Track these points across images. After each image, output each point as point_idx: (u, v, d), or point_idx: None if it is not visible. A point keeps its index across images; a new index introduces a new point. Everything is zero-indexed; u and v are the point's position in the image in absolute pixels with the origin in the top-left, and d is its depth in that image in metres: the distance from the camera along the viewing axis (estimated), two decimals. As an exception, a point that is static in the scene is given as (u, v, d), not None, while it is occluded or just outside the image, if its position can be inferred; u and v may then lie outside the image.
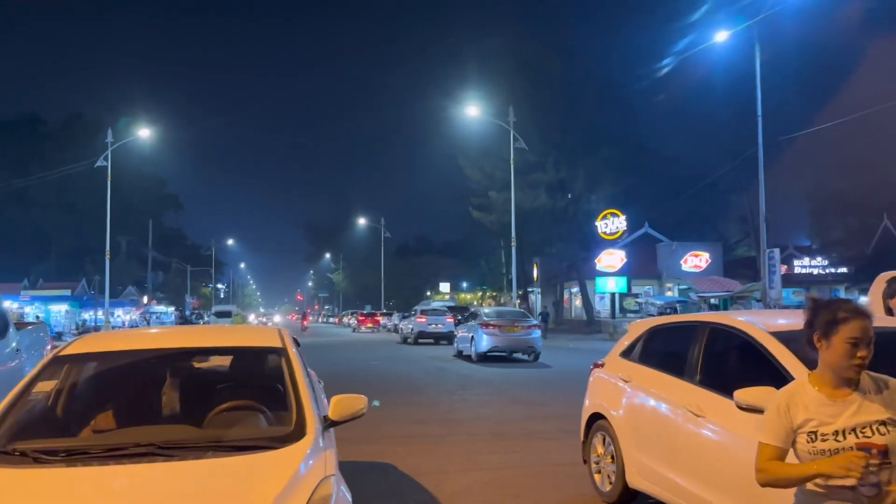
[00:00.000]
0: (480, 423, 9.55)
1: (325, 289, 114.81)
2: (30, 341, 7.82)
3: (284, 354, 4.23)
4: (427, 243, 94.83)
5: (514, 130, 32.52)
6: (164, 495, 2.88)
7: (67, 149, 58.71)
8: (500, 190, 41.30)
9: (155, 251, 67.33)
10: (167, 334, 5.35)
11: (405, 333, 32.74)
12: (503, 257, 53.50)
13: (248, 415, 3.89)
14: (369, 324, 53.64)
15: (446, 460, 7.31)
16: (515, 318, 20.76)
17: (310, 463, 3.23)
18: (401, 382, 14.38)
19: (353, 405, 3.85)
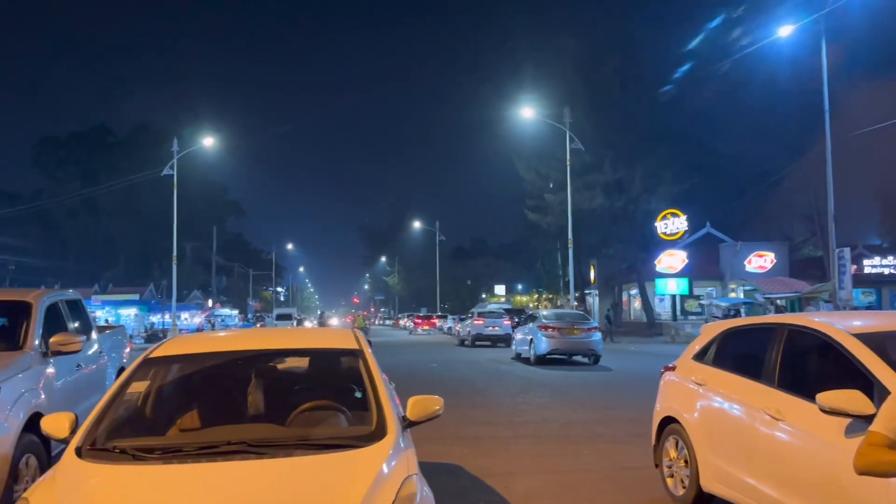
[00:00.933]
0: (546, 426, 9.52)
1: (381, 291, 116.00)
2: (111, 343, 8.16)
3: (361, 356, 4.32)
4: (482, 246, 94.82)
5: (570, 131, 32.30)
6: (259, 491, 2.99)
7: (135, 158, 60.95)
8: (556, 191, 41.07)
9: (218, 256, 69.28)
10: (248, 336, 5.52)
11: (462, 336, 32.80)
12: (559, 259, 53.09)
13: (330, 414, 3.99)
14: (426, 326, 53.98)
15: (514, 462, 7.31)
16: (575, 320, 20.58)
17: (392, 462, 3.30)
18: (462, 385, 14.42)
19: (429, 406, 3.92)
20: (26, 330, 5.90)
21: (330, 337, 5.13)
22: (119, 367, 8.13)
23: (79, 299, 7.60)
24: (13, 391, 5.08)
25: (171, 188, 36.10)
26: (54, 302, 6.62)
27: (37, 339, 5.88)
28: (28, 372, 5.46)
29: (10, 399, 4.99)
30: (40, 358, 5.78)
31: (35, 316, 6.04)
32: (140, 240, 67.86)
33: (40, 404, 5.39)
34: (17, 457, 4.93)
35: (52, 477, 3.18)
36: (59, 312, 6.64)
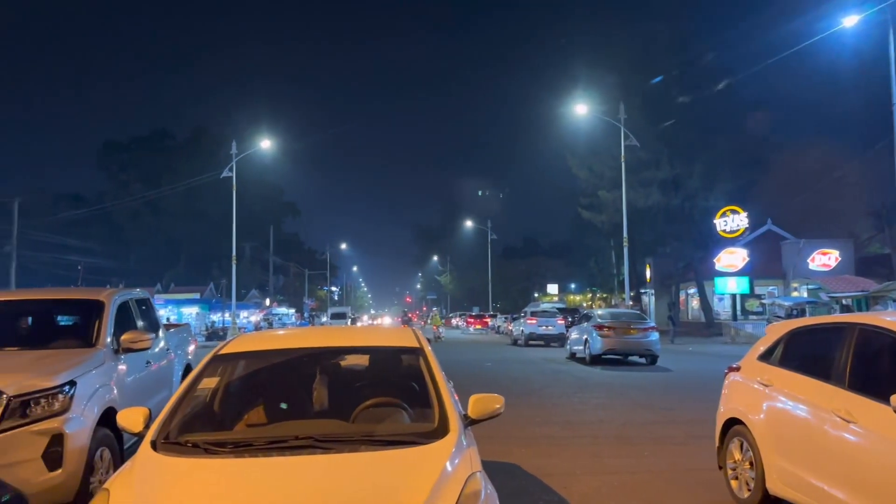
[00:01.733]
0: (604, 427, 9.42)
1: (433, 290, 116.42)
2: (177, 341, 8.41)
3: (422, 354, 4.37)
4: (534, 244, 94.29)
5: (625, 127, 31.84)
6: (328, 485, 3.05)
7: (195, 161, 62.64)
8: (610, 189, 40.54)
9: (275, 256, 70.62)
10: (312, 334, 5.63)
11: (515, 335, 32.70)
12: (613, 258, 52.44)
13: (393, 411, 4.05)
14: (478, 325, 53.99)
15: (572, 462, 7.27)
16: (631, 319, 20.28)
17: (456, 460, 3.33)
18: (517, 384, 14.38)
19: (490, 404, 3.94)
20: (99, 327, 6.13)
21: (391, 335, 5.20)
22: (185, 364, 8.38)
23: (147, 298, 7.86)
24: (88, 386, 5.29)
25: (230, 190, 37.00)
26: (125, 301, 6.87)
27: (109, 337, 6.11)
28: (101, 368, 5.68)
29: (86, 394, 5.20)
30: (112, 355, 6.00)
31: (107, 314, 6.28)
32: (200, 240, 69.70)
33: (113, 399, 5.60)
34: (93, 449, 5.13)
35: (129, 469, 3.31)
36: (129, 311, 6.89)
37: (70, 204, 66.82)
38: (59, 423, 4.86)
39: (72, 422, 4.93)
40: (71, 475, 4.87)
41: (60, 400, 4.94)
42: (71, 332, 6.59)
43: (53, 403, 4.90)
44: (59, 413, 4.90)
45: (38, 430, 4.77)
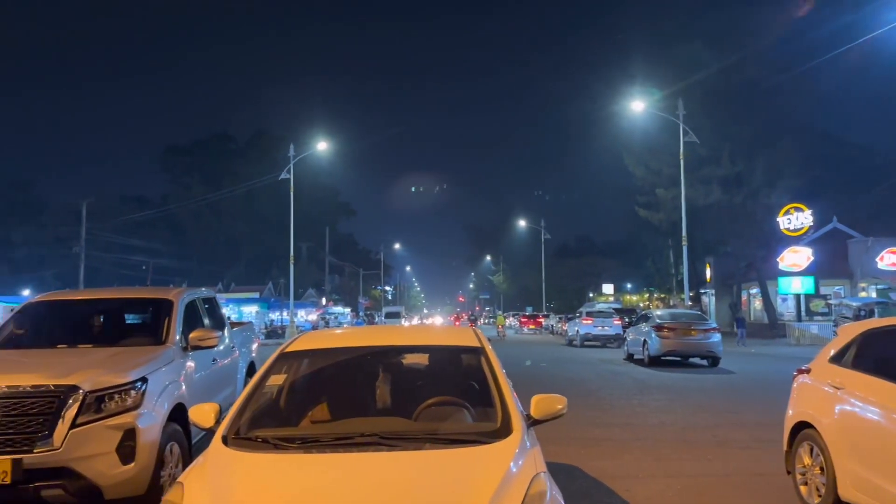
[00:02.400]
0: (665, 429, 9.25)
1: (485, 290, 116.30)
2: (241, 339, 8.61)
3: (483, 353, 4.37)
4: (588, 244, 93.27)
5: (684, 124, 31.19)
6: (395, 481, 3.09)
7: (253, 163, 64.09)
8: (668, 187, 39.75)
9: (331, 256, 71.68)
10: (374, 333, 5.70)
11: (570, 335, 32.39)
12: (672, 257, 51.41)
13: (455, 410, 4.05)
14: (532, 325, 53.66)
15: (634, 465, 7.16)
16: (692, 320, 19.86)
17: (520, 461, 3.32)
18: (574, 385, 14.24)
19: (553, 405, 3.91)
20: (168, 326, 6.33)
21: (452, 334, 5.22)
22: (249, 362, 8.57)
23: (213, 297, 8.07)
24: (159, 383, 5.46)
25: (287, 191, 37.71)
26: (192, 300, 7.07)
27: (178, 335, 6.30)
28: (171, 365, 5.85)
29: (156, 390, 5.37)
30: (181, 352, 6.18)
31: (176, 313, 6.47)
32: (259, 241, 71.27)
33: (182, 395, 5.77)
34: (163, 444, 5.29)
35: (202, 463, 3.40)
36: (196, 309, 7.09)
37: (135, 206, 69.11)
38: (132, 418, 5.02)
39: (144, 417, 5.09)
40: (143, 469, 5.03)
41: (133, 396, 5.10)
42: (141, 330, 6.81)
43: (126, 399, 5.07)
44: (132, 408, 5.06)
45: (113, 424, 4.94)
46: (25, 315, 6.76)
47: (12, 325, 6.60)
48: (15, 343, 6.32)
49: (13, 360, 5.73)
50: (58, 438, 4.71)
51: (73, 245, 46.09)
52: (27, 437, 4.69)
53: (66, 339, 6.40)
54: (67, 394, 4.83)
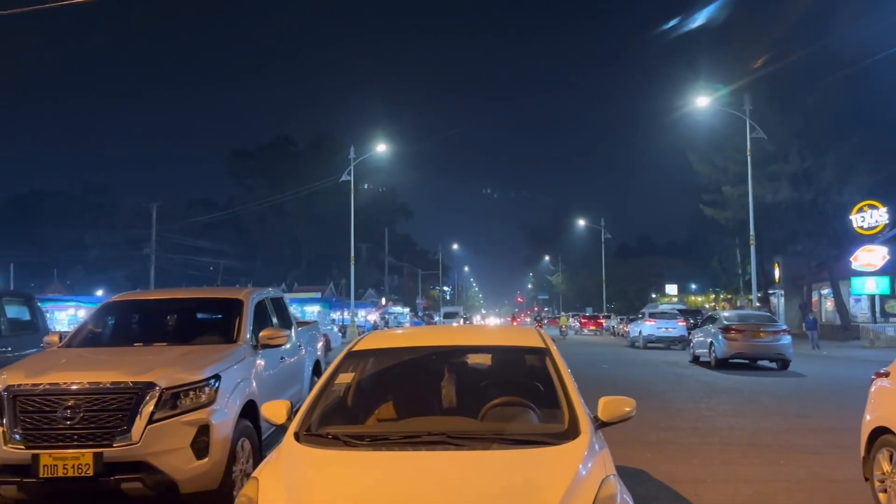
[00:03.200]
0: (734, 433, 9.01)
1: (544, 290, 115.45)
2: (307, 338, 8.78)
3: (548, 354, 4.35)
4: (650, 243, 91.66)
5: (751, 119, 30.31)
6: (464, 481, 3.10)
7: (315, 166, 65.17)
8: (734, 184, 38.65)
9: (390, 257, 72.39)
10: (438, 333, 5.73)
11: (633, 337, 31.85)
12: (738, 257, 50.00)
13: (521, 411, 4.04)
14: (592, 326, 53.04)
15: (702, 469, 7.00)
16: (761, 322, 19.29)
17: (589, 463, 3.29)
18: (637, 387, 14.00)
19: (621, 407, 3.88)
20: (239, 325, 6.49)
21: (516, 335, 5.20)
22: (315, 360, 8.73)
23: (281, 297, 8.26)
24: (231, 380, 5.61)
25: (348, 193, 38.28)
26: (261, 299, 7.25)
27: (248, 334, 6.46)
28: (242, 363, 6.01)
29: (229, 387, 5.51)
30: (251, 350, 6.34)
31: (246, 312, 6.63)
32: (320, 242, 72.49)
33: (253, 392, 5.92)
34: (235, 440, 5.42)
35: (276, 458, 3.49)
36: (265, 309, 7.26)
37: (202, 209, 71.27)
38: (206, 414, 5.16)
39: (217, 413, 5.23)
40: (216, 464, 5.16)
41: (207, 392, 5.26)
42: (213, 328, 7.00)
43: (200, 396, 5.22)
44: (206, 405, 5.21)
45: (187, 420, 5.09)
46: (103, 314, 7.04)
47: (91, 324, 6.88)
48: (94, 341, 6.59)
49: (94, 357, 5.97)
50: (136, 433, 4.88)
51: (143, 247, 47.82)
52: (107, 432, 4.88)
53: (143, 338, 6.64)
54: (145, 390, 5.00)
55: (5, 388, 5.01)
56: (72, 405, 4.90)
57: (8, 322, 8.48)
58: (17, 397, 4.96)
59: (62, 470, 4.76)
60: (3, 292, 9.69)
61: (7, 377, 5.15)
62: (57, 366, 5.44)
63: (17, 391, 4.98)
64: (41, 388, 4.98)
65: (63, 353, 6.11)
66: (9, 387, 5.01)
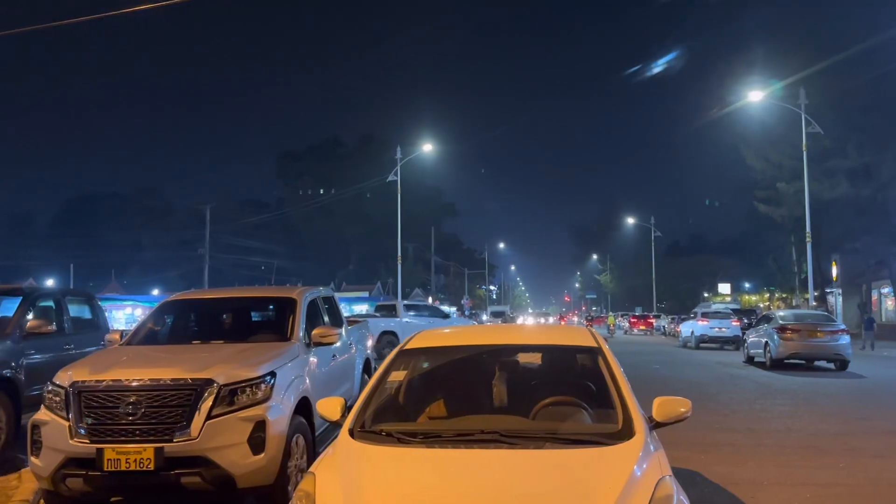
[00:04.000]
0: (791, 436, 8.79)
1: (592, 290, 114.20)
2: (357, 336, 8.90)
3: (601, 353, 4.32)
4: (701, 241, 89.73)
5: (806, 114, 29.45)
6: (517, 479, 3.11)
7: (362, 166, 65.78)
8: (790, 180, 37.64)
9: (436, 256, 72.60)
10: (488, 332, 5.75)
11: (685, 337, 31.27)
12: (794, 254, 48.68)
13: (573, 410, 4.03)
14: (641, 326, 52.38)
15: (758, 471, 6.85)
16: (818, 321, 18.77)
17: (644, 463, 3.26)
18: (690, 388, 13.76)
19: (676, 408, 3.84)
20: (293, 323, 6.60)
21: (567, 334, 5.18)
22: (364, 359, 8.83)
23: (332, 296, 8.38)
24: (286, 377, 5.71)
25: (394, 193, 38.55)
26: (314, 298, 7.37)
27: (301, 332, 6.57)
28: (296, 360, 6.11)
29: (284, 384, 5.61)
30: (304, 348, 6.44)
31: (299, 310, 6.75)
32: (368, 241, 73.13)
33: (306, 389, 6.01)
34: (290, 436, 5.50)
35: (332, 454, 3.55)
36: (317, 307, 7.38)
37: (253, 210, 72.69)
38: (262, 410, 5.25)
39: (273, 409, 5.33)
40: (272, 459, 5.25)
41: (263, 389, 5.35)
42: (268, 326, 7.14)
43: (257, 392, 5.32)
44: (262, 401, 5.30)
45: (244, 416, 5.18)
46: (162, 313, 7.24)
47: (151, 322, 7.08)
48: (153, 339, 6.79)
49: (154, 355, 6.15)
50: (195, 429, 5.00)
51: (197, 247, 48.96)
52: (167, 427, 5.01)
53: (200, 336, 6.82)
54: (203, 387, 5.11)
55: (71, 384, 5.20)
56: (134, 401, 5.04)
57: (71, 320, 8.80)
58: (82, 393, 5.13)
59: (125, 464, 4.90)
60: (66, 291, 10.06)
61: (73, 373, 5.33)
62: (119, 363, 5.61)
63: (82, 387, 5.15)
64: (105, 385, 5.14)
65: (124, 350, 6.31)
66: (74, 383, 5.19)
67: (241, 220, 62.24)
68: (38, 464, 5.19)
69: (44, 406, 5.35)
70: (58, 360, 7.14)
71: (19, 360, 7.39)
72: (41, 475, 5.19)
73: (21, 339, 7.59)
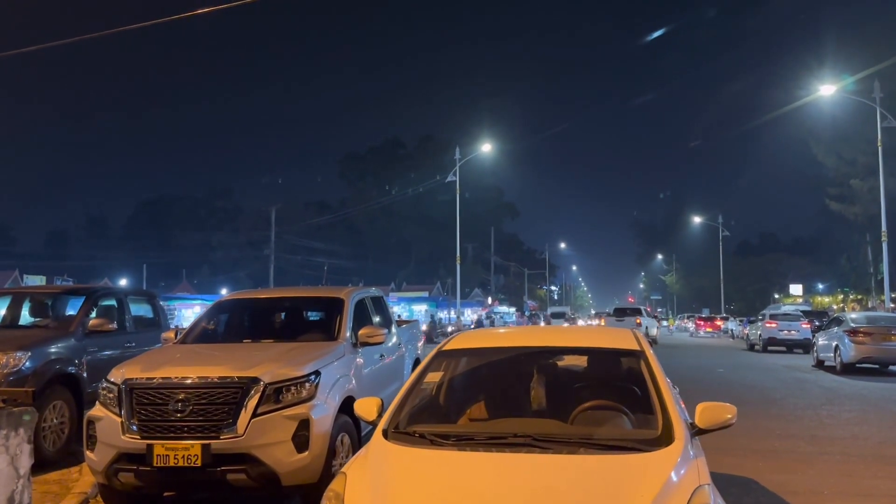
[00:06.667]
0: (858, 443, 8.39)
1: (657, 290, 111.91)
2: (408, 336, 8.91)
3: (643, 357, 4.20)
4: (772, 241, 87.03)
5: (881, 107, 28.15)
6: (547, 485, 3.05)
7: (422, 167, 66.30)
8: (864, 177, 36.15)
9: (496, 256, 72.43)
10: (530, 333, 5.69)
11: (752, 339, 30.28)
12: (870, 254, 46.62)
13: (613, 415, 3.94)
14: (708, 328, 51.04)
15: (819, 480, 6.55)
16: (891, 324, 17.88)
17: (682, 471, 3.16)
18: (753, 392, 13.31)
19: (720, 414, 3.70)
20: (340, 323, 6.67)
21: (610, 336, 5.06)
22: (415, 359, 8.84)
23: (381, 296, 8.42)
24: (331, 376, 5.76)
25: (454, 193, 38.66)
26: (361, 298, 7.42)
27: (348, 331, 6.61)
28: (342, 360, 6.16)
29: (329, 383, 5.66)
30: (351, 348, 6.49)
31: (347, 311, 6.80)
32: (428, 241, 73.63)
33: (352, 389, 6.05)
34: (334, 435, 5.54)
35: (364, 455, 3.56)
36: (365, 308, 7.43)
37: (317, 211, 74.07)
38: (307, 409, 5.31)
39: (317, 408, 5.38)
40: (316, 458, 5.30)
41: (307, 388, 5.41)
42: (315, 326, 7.22)
43: (301, 391, 5.38)
44: (307, 400, 5.36)
45: (289, 414, 5.25)
46: (216, 312, 7.42)
47: (205, 321, 7.26)
48: (207, 338, 6.94)
49: (204, 353, 6.30)
50: (241, 426, 5.08)
51: (264, 247, 50.21)
52: (214, 424, 5.10)
53: (251, 334, 6.95)
54: (249, 385, 5.20)
55: (124, 381, 5.36)
56: (182, 398, 5.16)
57: (133, 319, 9.10)
58: (133, 390, 5.28)
59: (173, 460, 5.02)
60: (128, 291, 10.41)
61: (125, 371, 5.50)
62: (171, 361, 5.76)
63: (134, 384, 5.31)
64: (155, 382, 5.28)
65: (178, 348, 6.48)
66: (127, 380, 5.35)
67: (306, 220, 63.46)
68: (92, 458, 5.37)
69: (98, 402, 5.54)
70: (119, 357, 7.39)
71: (82, 357, 7.68)
72: (96, 469, 5.37)
73: (84, 336, 7.88)
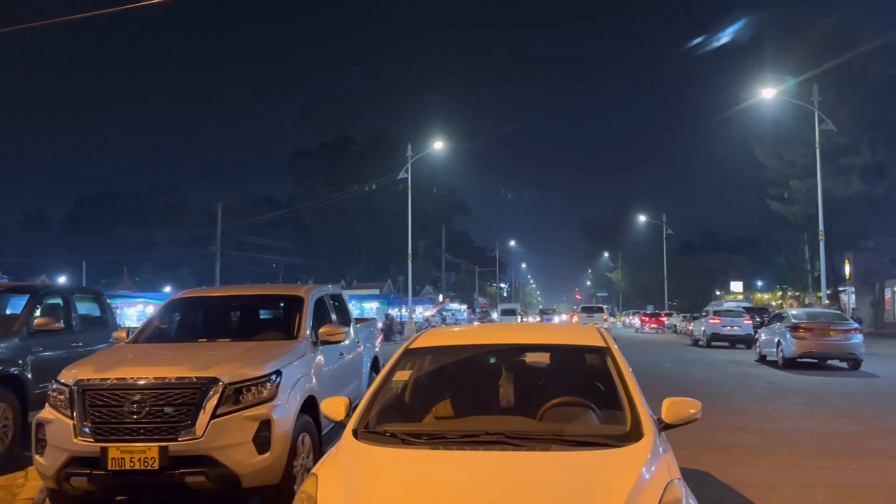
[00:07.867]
0: (803, 436, 8.68)
1: (603, 287, 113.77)
2: (365, 334, 8.86)
3: (609, 353, 4.25)
4: (714, 239, 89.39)
5: (820, 111, 29.18)
6: (523, 482, 3.05)
7: (374, 164, 65.93)
8: (803, 178, 37.40)
9: (447, 254, 72.56)
10: (496, 331, 5.68)
11: (696, 335, 31.06)
12: (807, 253, 48.30)
13: (581, 411, 3.97)
14: (653, 324, 52.18)
15: (769, 473, 6.76)
16: (831, 320, 18.57)
17: (653, 466, 3.20)
18: (701, 388, 13.64)
19: (686, 409, 3.78)
20: (299, 321, 6.56)
21: (576, 333, 5.10)
22: (373, 357, 8.78)
23: (340, 294, 8.34)
24: (292, 376, 5.66)
25: (405, 191, 38.53)
26: (321, 296, 7.31)
27: (308, 330, 6.51)
28: (303, 359, 6.06)
29: (289, 383, 5.57)
30: (311, 346, 6.39)
31: (306, 309, 6.69)
32: (379, 239, 73.26)
33: (313, 388, 5.96)
34: (296, 435, 5.46)
35: (335, 455, 3.50)
36: (324, 305, 7.33)
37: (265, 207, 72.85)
38: (268, 409, 5.21)
39: (278, 408, 5.28)
40: (277, 458, 5.21)
41: (268, 388, 5.31)
42: (274, 325, 7.10)
43: (262, 391, 5.27)
44: (268, 400, 5.26)
45: (250, 415, 5.14)
46: (169, 311, 7.21)
47: (157, 320, 7.06)
48: (160, 337, 6.75)
49: (159, 353, 6.12)
50: (200, 428, 4.95)
51: (209, 244, 49.12)
52: (172, 426, 4.96)
53: (207, 334, 6.79)
54: (208, 385, 5.07)
55: (76, 382, 5.17)
56: (138, 399, 5.01)
57: (79, 318, 8.80)
58: (86, 391, 5.10)
59: (129, 463, 4.87)
60: (74, 289, 10.06)
61: (77, 372, 5.31)
62: (124, 361, 5.58)
63: (86, 385, 5.12)
64: (109, 383, 5.11)
65: (130, 348, 6.28)
66: (79, 381, 5.16)
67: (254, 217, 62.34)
68: (42, 462, 5.17)
69: (48, 404, 5.33)
70: (65, 357, 7.14)
71: (26, 358, 7.40)
72: (45, 474, 5.17)
73: (28, 336, 7.59)
